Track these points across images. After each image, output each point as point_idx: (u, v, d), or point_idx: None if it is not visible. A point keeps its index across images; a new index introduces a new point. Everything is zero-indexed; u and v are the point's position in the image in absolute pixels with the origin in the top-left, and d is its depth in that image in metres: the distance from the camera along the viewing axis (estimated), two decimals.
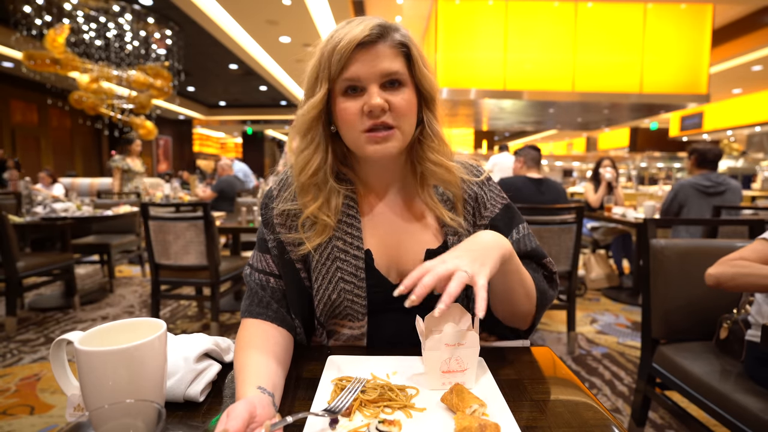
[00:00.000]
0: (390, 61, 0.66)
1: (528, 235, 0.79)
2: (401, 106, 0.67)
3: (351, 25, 0.65)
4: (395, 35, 0.67)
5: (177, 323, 3.03)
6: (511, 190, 0.85)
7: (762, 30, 5.82)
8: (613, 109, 6.18)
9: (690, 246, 1.50)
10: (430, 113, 0.73)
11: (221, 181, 4.85)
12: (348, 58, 0.64)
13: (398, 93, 0.67)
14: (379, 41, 0.65)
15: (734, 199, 2.95)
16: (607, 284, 3.81)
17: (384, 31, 0.66)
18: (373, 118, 0.66)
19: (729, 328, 1.28)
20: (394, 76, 0.66)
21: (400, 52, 0.67)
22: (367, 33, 0.64)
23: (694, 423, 1.36)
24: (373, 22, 0.66)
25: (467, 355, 0.59)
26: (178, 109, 12.91)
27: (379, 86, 0.66)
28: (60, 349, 0.56)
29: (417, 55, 0.68)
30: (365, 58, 0.65)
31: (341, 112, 0.67)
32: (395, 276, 0.76)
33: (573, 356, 2.48)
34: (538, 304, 0.74)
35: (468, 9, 5.01)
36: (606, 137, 15.62)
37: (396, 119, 0.67)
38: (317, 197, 0.72)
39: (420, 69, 0.69)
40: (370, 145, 0.67)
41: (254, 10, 6.02)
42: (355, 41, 0.63)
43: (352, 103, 0.66)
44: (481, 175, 0.80)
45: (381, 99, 0.65)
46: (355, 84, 0.66)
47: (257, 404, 0.47)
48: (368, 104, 0.65)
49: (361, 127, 0.67)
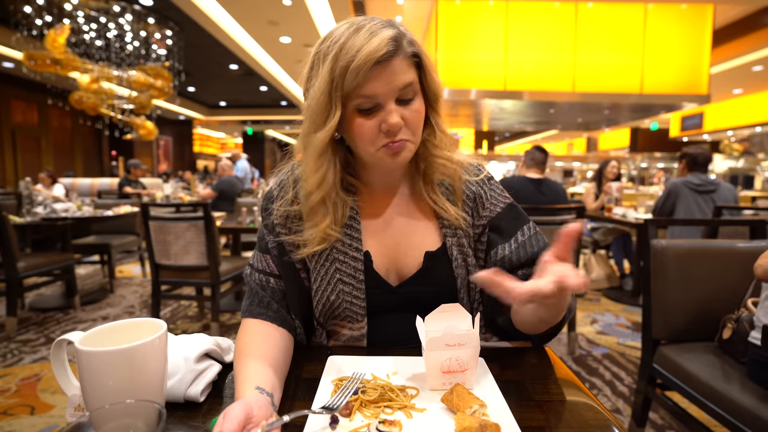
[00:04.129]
0: (405, 74, 0.64)
1: (534, 235, 0.76)
2: (414, 119, 0.67)
3: (360, 36, 0.61)
4: (407, 46, 0.65)
5: (177, 323, 3.03)
6: (509, 190, 0.84)
7: (762, 30, 5.82)
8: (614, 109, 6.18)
9: (690, 246, 1.50)
10: (435, 112, 0.73)
11: (221, 181, 4.85)
12: (365, 76, 0.62)
13: (411, 106, 0.66)
14: (395, 56, 0.63)
15: (727, 195, 2.98)
16: (608, 285, 3.81)
17: (398, 43, 0.63)
18: (390, 135, 0.65)
19: (733, 329, 1.28)
20: (409, 87, 0.65)
21: (413, 63, 0.66)
22: (384, 51, 0.61)
23: (694, 423, 1.35)
24: (385, 34, 0.62)
25: (467, 355, 0.59)
26: (179, 110, 12.91)
27: (395, 101, 0.65)
28: (60, 349, 0.56)
29: (427, 62, 0.68)
30: (382, 75, 0.62)
31: (357, 128, 0.66)
32: (394, 278, 0.75)
33: (573, 357, 2.48)
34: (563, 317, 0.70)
35: (468, 9, 5.01)
36: (606, 137, 15.61)
37: (410, 133, 0.67)
38: (326, 214, 0.71)
39: (431, 76, 0.68)
40: (387, 157, 0.67)
41: (255, 10, 6.02)
42: (373, 59, 0.60)
43: (369, 120, 0.65)
44: (481, 174, 0.80)
45: (398, 117, 0.64)
46: (373, 101, 0.64)
47: (254, 405, 0.47)
48: (387, 123, 0.64)
49: (378, 144, 0.66)
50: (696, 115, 11.15)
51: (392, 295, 0.74)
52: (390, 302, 0.74)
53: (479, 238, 0.77)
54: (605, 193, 3.90)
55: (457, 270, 0.74)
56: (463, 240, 0.76)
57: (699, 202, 2.95)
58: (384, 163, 0.68)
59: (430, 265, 0.74)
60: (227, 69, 9.49)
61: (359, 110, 0.65)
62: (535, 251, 0.74)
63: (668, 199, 3.04)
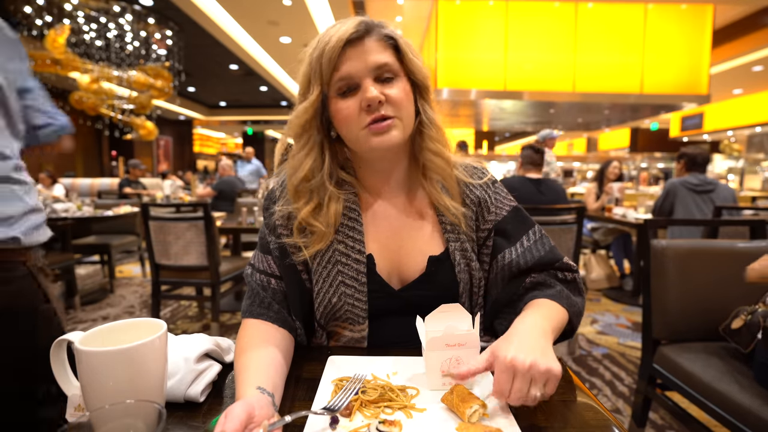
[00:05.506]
0: (380, 54, 0.66)
1: (540, 239, 0.76)
2: (398, 96, 0.67)
3: (335, 27, 0.66)
4: (381, 30, 0.68)
5: (177, 323, 3.03)
6: (511, 191, 0.83)
7: (762, 30, 5.82)
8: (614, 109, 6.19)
9: (691, 247, 1.50)
10: (425, 102, 0.73)
11: (221, 181, 4.85)
12: (338, 58, 0.65)
13: (392, 85, 0.67)
14: (366, 36, 0.66)
15: (726, 195, 2.98)
16: (608, 285, 3.81)
17: (369, 27, 0.67)
18: (372, 112, 0.66)
19: (745, 320, 1.26)
20: (385, 68, 0.66)
21: (388, 45, 0.68)
22: (353, 30, 0.64)
23: (694, 424, 1.35)
24: (357, 19, 0.66)
25: (467, 355, 0.59)
26: (179, 110, 12.92)
27: (373, 80, 0.66)
28: (60, 349, 0.56)
29: (405, 45, 0.69)
30: (355, 54, 0.65)
31: (339, 112, 0.67)
32: (397, 281, 0.75)
33: (573, 357, 2.48)
34: (573, 323, 0.70)
35: (468, 9, 5.01)
36: (606, 138, 15.62)
37: (394, 110, 0.67)
38: (309, 201, 0.71)
39: (410, 59, 0.69)
40: (373, 137, 0.67)
41: (255, 10, 6.03)
42: (343, 39, 0.64)
43: (349, 101, 0.67)
44: (485, 177, 0.79)
45: (377, 92, 0.65)
46: (349, 82, 0.66)
47: (256, 405, 0.47)
48: (365, 98, 0.65)
49: (362, 124, 0.66)
50: (696, 115, 11.15)
51: (394, 298, 0.74)
52: (392, 305, 0.74)
53: (484, 242, 0.77)
54: (606, 193, 3.90)
55: (460, 275, 0.74)
56: (466, 244, 0.75)
57: (698, 202, 2.96)
58: (372, 144, 0.67)
59: (434, 269, 0.74)
60: (227, 69, 9.49)
61: (339, 94, 0.67)
62: (542, 255, 0.73)
63: (667, 198, 3.05)
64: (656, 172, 13.22)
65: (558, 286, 0.72)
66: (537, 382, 0.51)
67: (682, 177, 3.10)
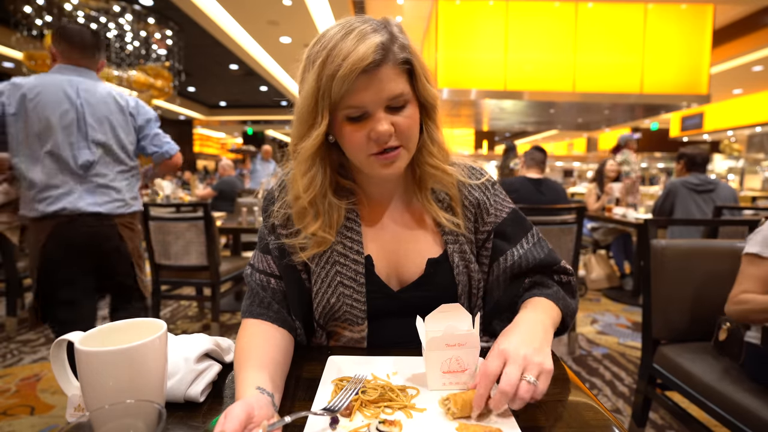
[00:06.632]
0: (395, 83, 0.63)
1: (539, 241, 0.77)
2: (406, 124, 0.65)
3: (348, 42, 0.60)
4: (397, 52, 0.63)
5: (177, 323, 3.03)
6: (511, 192, 0.84)
7: (762, 30, 5.82)
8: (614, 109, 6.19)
9: (690, 246, 1.50)
10: (431, 122, 0.72)
11: (222, 181, 4.85)
12: (351, 84, 0.60)
13: (402, 112, 0.65)
14: (383, 64, 0.61)
15: (726, 195, 2.98)
16: (608, 284, 3.81)
17: (386, 49, 0.61)
18: (380, 144, 0.64)
19: (728, 330, 1.28)
20: (399, 97, 0.64)
21: (403, 70, 0.65)
22: (370, 59, 0.59)
23: (694, 423, 1.35)
24: (373, 40, 0.60)
25: (467, 355, 0.59)
26: (179, 110, 12.91)
27: (385, 109, 0.64)
28: (60, 349, 0.56)
29: (420, 69, 0.66)
30: (369, 83, 0.61)
31: (346, 136, 0.65)
32: (395, 283, 0.75)
33: (573, 357, 2.48)
34: (566, 322, 0.73)
35: (468, 9, 5.01)
36: (606, 137, 15.60)
37: (401, 139, 0.66)
38: (317, 217, 0.70)
39: (423, 84, 0.67)
40: (379, 167, 0.67)
41: (255, 10, 6.02)
42: (359, 68, 0.59)
43: (358, 129, 0.64)
44: (483, 178, 0.79)
45: (387, 125, 0.63)
46: (361, 110, 0.63)
47: (255, 405, 0.47)
48: (375, 131, 0.63)
49: (369, 151, 0.66)
50: (696, 115, 11.15)
51: (393, 299, 0.74)
52: (391, 307, 0.74)
53: (484, 244, 0.77)
54: (606, 193, 3.90)
55: (459, 277, 0.74)
56: (465, 246, 0.75)
57: (698, 202, 2.96)
58: (376, 171, 0.68)
59: (432, 271, 0.74)
60: (227, 69, 9.49)
61: (348, 118, 0.64)
62: (542, 257, 0.75)
63: (667, 198, 3.06)
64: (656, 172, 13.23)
65: (554, 287, 0.74)
66: (529, 371, 0.52)
67: (682, 177, 3.10)
